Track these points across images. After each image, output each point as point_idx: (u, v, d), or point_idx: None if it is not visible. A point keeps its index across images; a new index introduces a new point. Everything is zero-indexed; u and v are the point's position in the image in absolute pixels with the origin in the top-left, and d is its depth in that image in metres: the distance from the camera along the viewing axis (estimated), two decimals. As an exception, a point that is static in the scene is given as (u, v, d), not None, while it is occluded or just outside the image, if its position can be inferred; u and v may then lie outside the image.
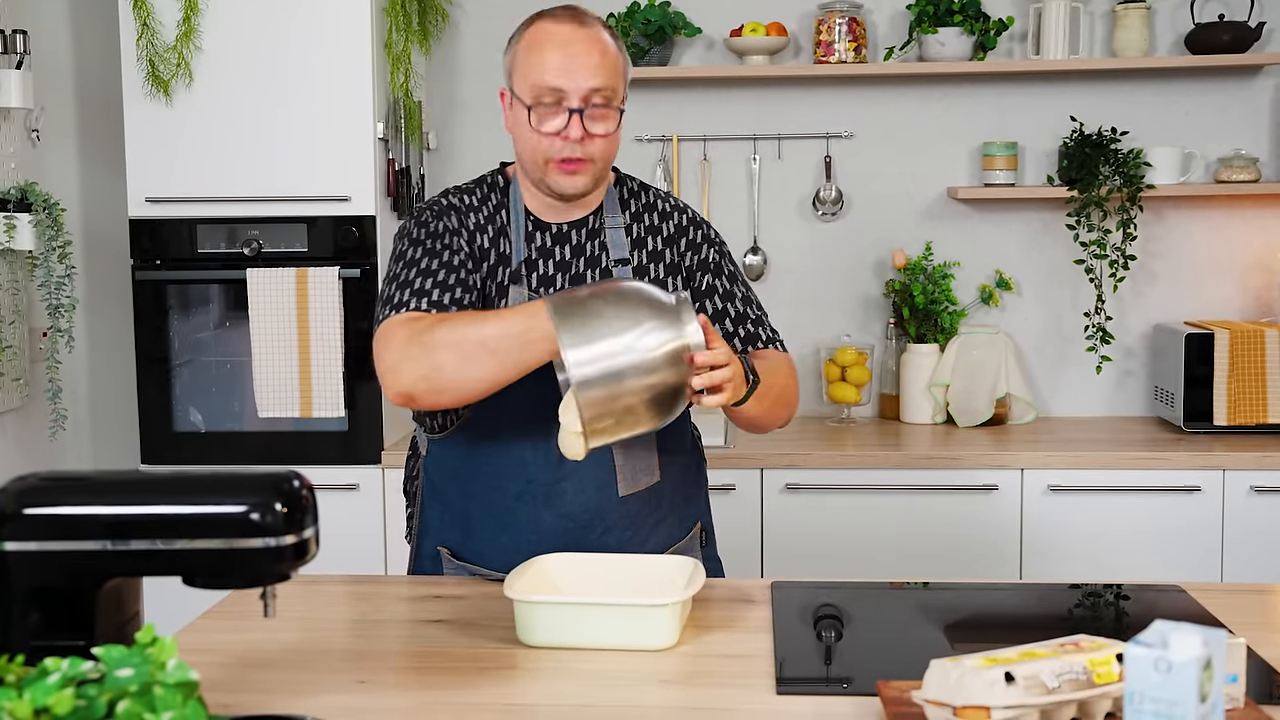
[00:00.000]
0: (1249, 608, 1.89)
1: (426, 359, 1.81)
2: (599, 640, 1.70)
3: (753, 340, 2.08)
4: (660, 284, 2.06)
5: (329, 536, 1.63)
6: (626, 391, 1.69)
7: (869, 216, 3.84)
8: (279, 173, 3.41)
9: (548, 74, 1.91)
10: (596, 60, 1.91)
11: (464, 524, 2.06)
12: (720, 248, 2.13)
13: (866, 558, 3.27)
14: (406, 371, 1.83)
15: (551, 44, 1.92)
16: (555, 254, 2.03)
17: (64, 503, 1.37)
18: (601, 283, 1.80)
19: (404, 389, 1.83)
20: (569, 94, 1.91)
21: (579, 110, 1.91)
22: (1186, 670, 1.13)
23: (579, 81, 1.90)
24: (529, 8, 3.77)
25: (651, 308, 1.73)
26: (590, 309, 1.72)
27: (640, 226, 2.08)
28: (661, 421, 1.75)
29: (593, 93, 1.91)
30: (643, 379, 1.70)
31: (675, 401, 1.74)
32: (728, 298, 2.09)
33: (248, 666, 1.66)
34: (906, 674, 1.51)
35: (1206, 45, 3.59)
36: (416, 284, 1.92)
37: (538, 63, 1.92)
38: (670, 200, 2.14)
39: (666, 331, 1.72)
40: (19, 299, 3.47)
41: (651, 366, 1.70)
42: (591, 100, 1.92)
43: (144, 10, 3.35)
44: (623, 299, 1.74)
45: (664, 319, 1.72)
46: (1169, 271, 3.79)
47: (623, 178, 2.13)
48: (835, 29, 3.64)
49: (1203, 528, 3.26)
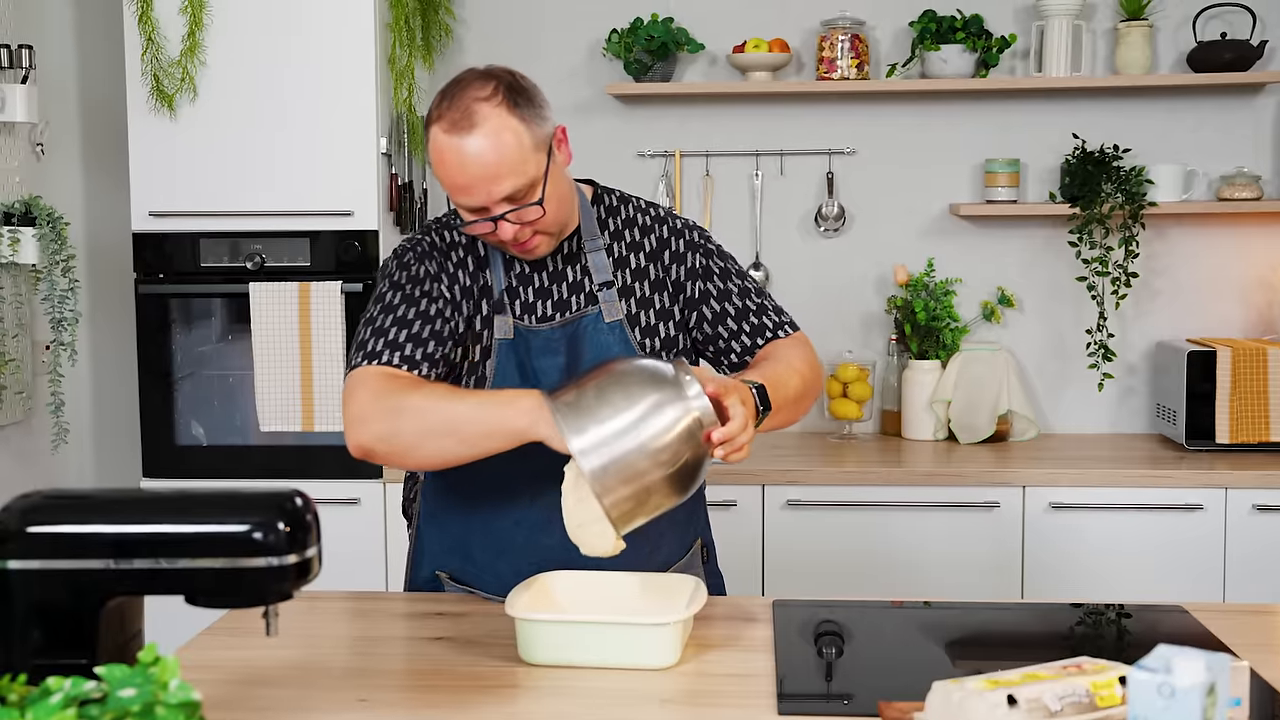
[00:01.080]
0: (1251, 628, 1.89)
1: (390, 422, 1.81)
2: (600, 659, 1.69)
3: (759, 334, 2.05)
4: (647, 303, 2.03)
5: (330, 551, 1.63)
6: (645, 477, 1.67)
7: (871, 233, 3.84)
8: (282, 187, 3.42)
9: (457, 195, 1.89)
10: (493, 170, 1.84)
11: (462, 549, 2.05)
12: (704, 248, 2.08)
13: (867, 574, 3.27)
14: (369, 429, 1.83)
15: (446, 165, 1.87)
16: (535, 280, 2.01)
17: (67, 521, 1.37)
18: (596, 369, 1.76)
19: (364, 444, 1.84)
20: (482, 205, 1.88)
21: (499, 217, 1.88)
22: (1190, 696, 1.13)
23: (485, 194, 1.86)
24: (531, 24, 3.80)
25: (650, 383, 1.70)
26: (589, 398, 1.69)
27: (621, 245, 2.05)
28: (685, 495, 1.73)
29: (502, 201, 1.87)
30: (658, 459, 1.67)
31: (696, 474, 1.72)
32: (723, 298, 2.06)
33: (248, 684, 1.66)
34: (908, 693, 1.51)
35: (1209, 63, 3.59)
36: (390, 334, 1.91)
37: (445, 182, 1.89)
38: (650, 212, 2.09)
39: (673, 407, 1.68)
40: (22, 312, 3.48)
41: (665, 448, 1.67)
42: (504, 205, 1.88)
43: (149, 25, 3.36)
44: (621, 381, 1.70)
45: (666, 391, 1.69)
46: (1171, 289, 3.79)
47: (600, 194, 2.09)
48: (838, 45, 3.65)
49: (1205, 546, 3.25)
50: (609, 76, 3.81)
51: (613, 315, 2.00)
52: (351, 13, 3.38)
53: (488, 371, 1.98)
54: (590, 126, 3.79)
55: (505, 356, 1.98)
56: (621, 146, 3.83)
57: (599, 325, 1.99)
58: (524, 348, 1.98)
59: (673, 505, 1.73)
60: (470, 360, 1.99)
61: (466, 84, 1.88)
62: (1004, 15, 3.77)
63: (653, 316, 2.03)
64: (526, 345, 1.98)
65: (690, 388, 1.70)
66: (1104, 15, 3.75)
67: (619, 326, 1.99)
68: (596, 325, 1.99)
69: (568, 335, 1.99)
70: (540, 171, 1.88)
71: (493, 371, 1.98)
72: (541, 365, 1.97)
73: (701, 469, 1.73)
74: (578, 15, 3.83)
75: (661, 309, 2.04)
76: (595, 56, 3.84)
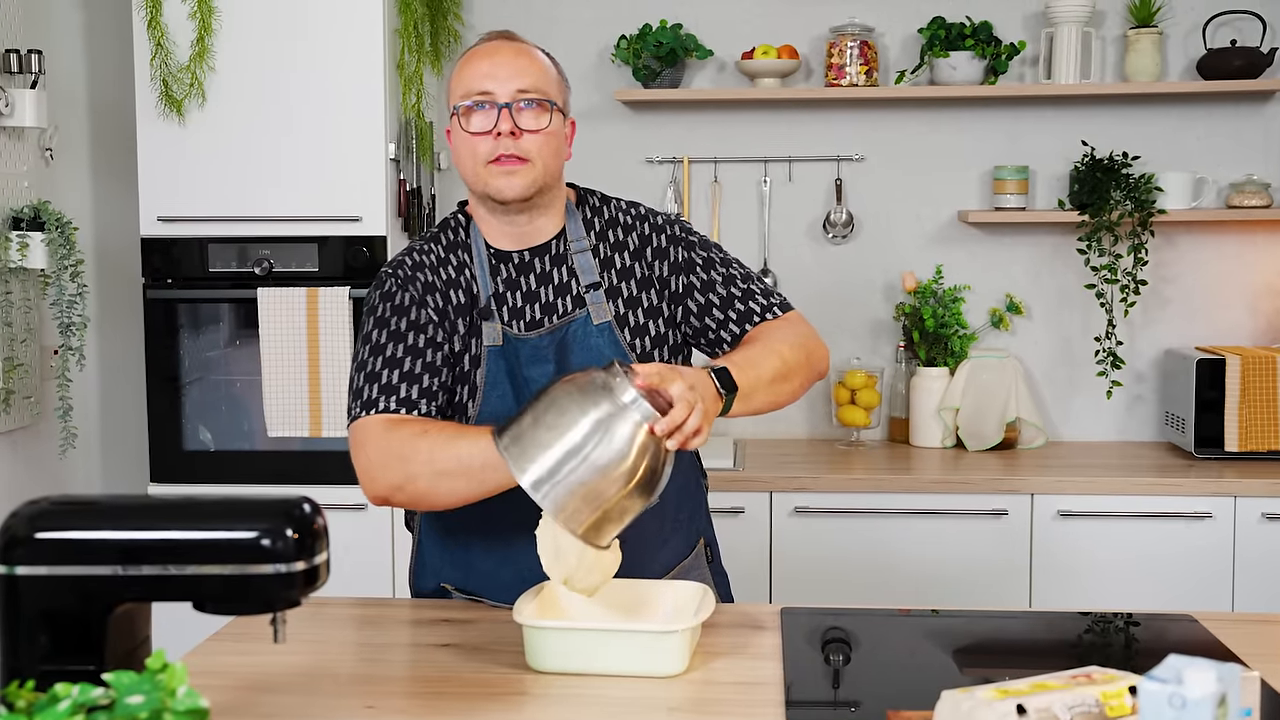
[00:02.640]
0: (1261, 638, 1.88)
1: (402, 470, 1.83)
2: (608, 666, 1.69)
3: (747, 319, 2.02)
4: (635, 302, 2.02)
5: (337, 557, 1.63)
6: (603, 493, 1.64)
7: (879, 239, 3.84)
8: (290, 192, 3.42)
9: (475, 80, 1.94)
10: (524, 64, 1.96)
11: (465, 560, 2.05)
12: (686, 240, 2.06)
13: (875, 582, 3.26)
14: (383, 480, 1.85)
15: (479, 56, 1.97)
16: (521, 284, 2.01)
17: (76, 527, 1.37)
18: (534, 398, 1.72)
19: (380, 495, 1.87)
20: (496, 94, 1.93)
21: (507, 105, 1.93)
22: (1201, 707, 1.12)
23: (505, 84, 1.93)
24: (540, 30, 3.80)
25: (582, 401, 1.66)
26: (530, 431, 1.66)
27: (606, 245, 2.04)
28: (655, 494, 1.70)
29: (520, 93, 1.93)
30: (611, 474, 1.64)
31: (657, 472, 1.69)
32: (708, 288, 2.04)
33: (255, 690, 1.66)
34: (916, 701, 1.51)
35: (1218, 70, 3.59)
36: (384, 377, 1.92)
37: (468, 74, 1.96)
38: (632, 211, 2.09)
39: (611, 417, 1.64)
40: (31, 317, 3.49)
41: (615, 459, 1.64)
42: (520, 99, 1.93)
43: (158, 30, 3.36)
44: (555, 406, 1.67)
45: (601, 405, 1.65)
46: (1180, 296, 3.78)
47: (583, 196, 2.10)
48: (847, 52, 3.65)
49: (1213, 555, 3.24)
50: (617, 82, 3.82)
51: (601, 317, 1.99)
52: (360, 18, 3.38)
53: (478, 381, 1.97)
54: (599, 132, 3.80)
55: (495, 364, 1.97)
56: (630, 152, 3.83)
57: (588, 328, 1.98)
58: (513, 355, 1.97)
59: (644, 508, 1.70)
60: (459, 370, 1.98)
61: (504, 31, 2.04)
62: (1013, 22, 3.77)
63: (641, 315, 2.02)
64: (516, 354, 1.98)
65: (623, 392, 1.66)
66: (1113, 22, 3.74)
67: (608, 328, 1.99)
68: (585, 328, 1.98)
69: (556, 342, 1.98)
70: (558, 103, 1.98)
71: (483, 380, 1.97)
72: (532, 375, 1.97)
73: (660, 466, 1.69)
74: (587, 21, 3.84)
75: (650, 307, 2.03)
76: (604, 62, 3.84)
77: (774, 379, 1.92)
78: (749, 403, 1.88)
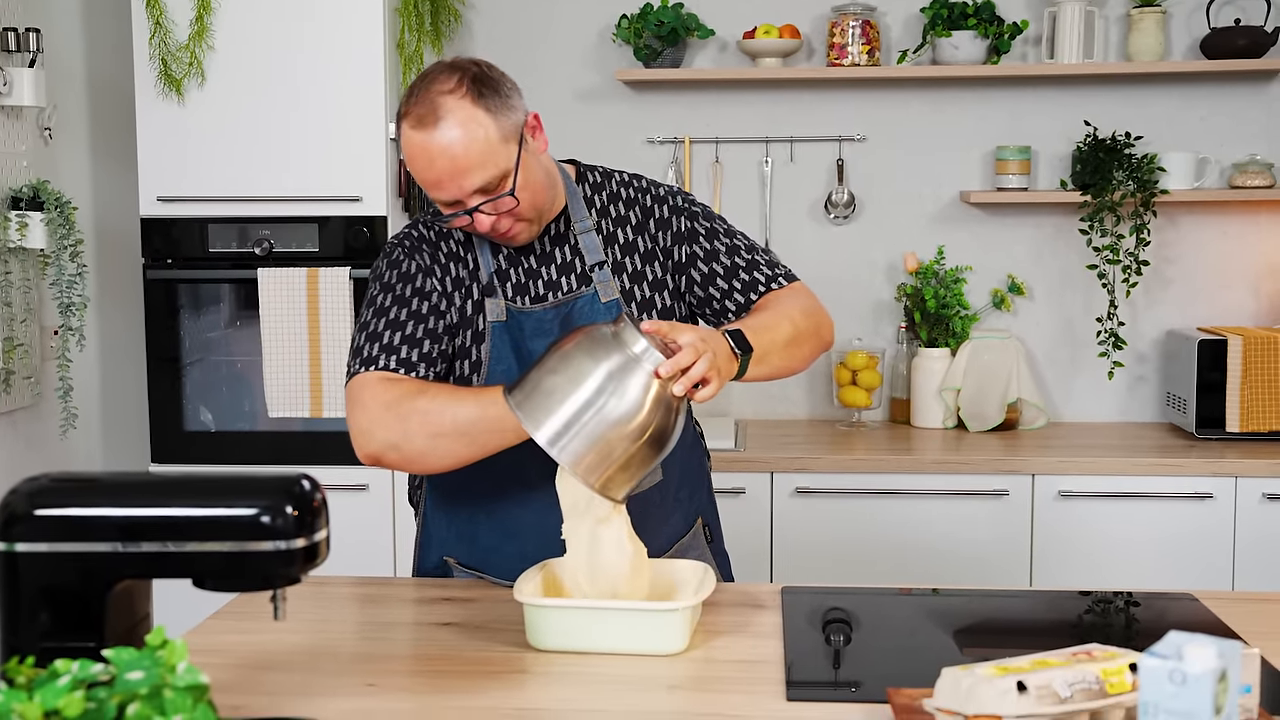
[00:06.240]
0: (1262, 616, 1.88)
1: (398, 428, 1.82)
2: (609, 644, 1.69)
3: (752, 288, 2.02)
4: (640, 276, 2.01)
5: (338, 536, 1.63)
6: (618, 445, 1.64)
7: (881, 220, 3.83)
8: (290, 172, 3.41)
9: (430, 190, 1.88)
10: (461, 164, 1.82)
11: (469, 534, 2.05)
12: (689, 210, 2.06)
13: (876, 562, 3.26)
14: (378, 438, 1.84)
15: (416, 161, 1.86)
16: (523, 262, 2.00)
17: (75, 504, 1.37)
18: (545, 353, 1.73)
19: (373, 453, 1.85)
20: (456, 202, 1.87)
21: (470, 211, 1.87)
22: (1202, 682, 1.12)
23: (457, 190, 1.85)
24: (540, 10, 3.79)
25: (594, 353, 1.66)
26: (543, 386, 1.66)
27: (608, 221, 2.04)
28: (668, 446, 1.71)
29: (474, 193, 1.86)
30: (626, 426, 1.64)
31: (670, 423, 1.69)
32: (711, 258, 2.03)
33: (256, 668, 1.66)
34: (916, 680, 1.51)
35: (1222, 50, 3.57)
36: (385, 337, 1.92)
37: (417, 178, 1.88)
38: (635, 184, 2.08)
39: (622, 370, 1.65)
40: (30, 297, 3.48)
41: (629, 411, 1.64)
42: (476, 199, 1.86)
43: (157, 9, 3.35)
44: (566, 360, 1.67)
45: (612, 356, 1.66)
46: (1182, 277, 3.78)
47: (584, 173, 2.08)
48: (849, 31, 3.64)
49: (1214, 535, 3.24)
50: (618, 62, 3.80)
51: (609, 295, 1.99)
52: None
53: (482, 356, 1.97)
54: (600, 112, 3.78)
55: (499, 339, 1.97)
56: (631, 132, 3.82)
57: (595, 306, 1.98)
58: (518, 330, 1.97)
59: (657, 460, 1.70)
60: (463, 345, 1.98)
61: (432, 78, 1.87)
62: (1016, 1, 3.75)
63: (647, 289, 2.02)
64: (520, 327, 1.97)
65: (634, 342, 1.66)
66: (1116, 1, 3.73)
67: (616, 305, 1.98)
68: (593, 306, 1.98)
69: (561, 316, 1.98)
70: (511, 162, 1.86)
71: (487, 355, 1.97)
72: (536, 348, 1.96)
73: (673, 417, 1.69)
74: (588, 1, 3.82)
75: (655, 280, 2.03)
76: (605, 42, 3.82)
77: (787, 343, 1.92)
78: (763, 366, 1.87)
